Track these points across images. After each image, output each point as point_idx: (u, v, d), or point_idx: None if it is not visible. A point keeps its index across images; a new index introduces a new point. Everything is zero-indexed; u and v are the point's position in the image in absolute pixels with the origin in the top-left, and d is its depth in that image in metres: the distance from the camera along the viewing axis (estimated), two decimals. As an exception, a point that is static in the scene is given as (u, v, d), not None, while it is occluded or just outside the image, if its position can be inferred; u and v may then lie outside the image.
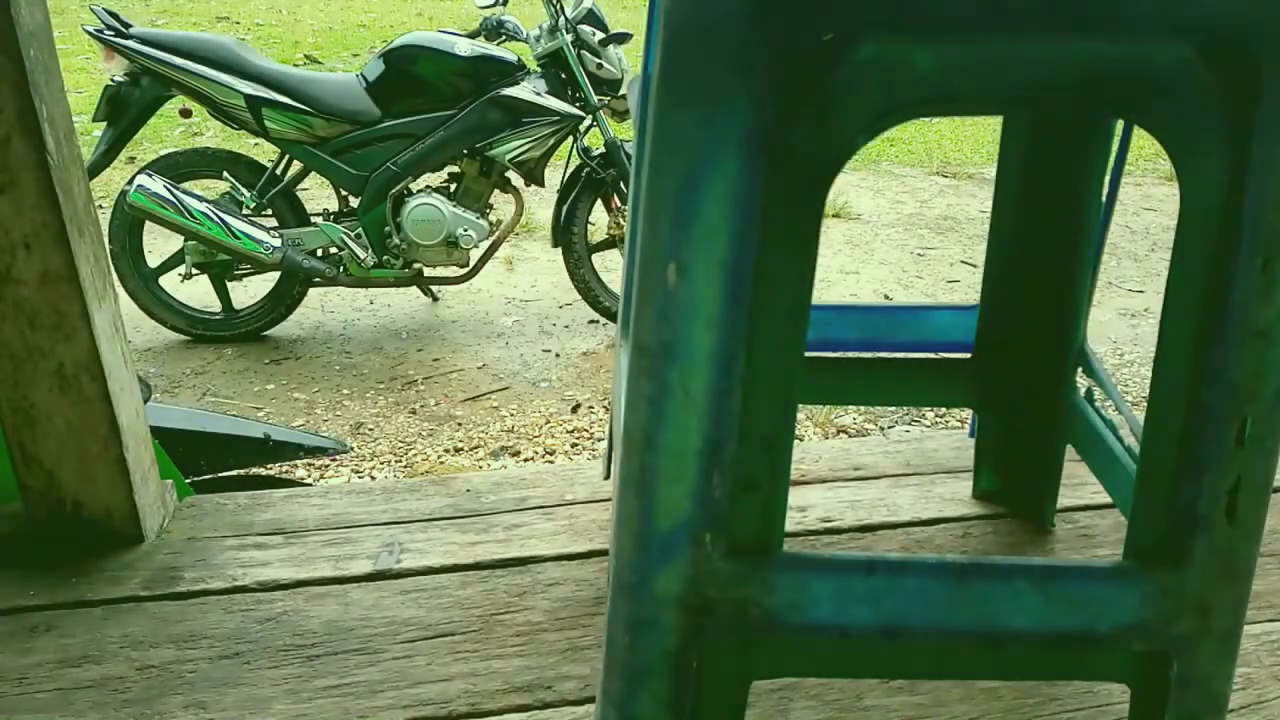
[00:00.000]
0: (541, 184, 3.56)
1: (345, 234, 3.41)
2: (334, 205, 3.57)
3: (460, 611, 1.19)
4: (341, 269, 3.44)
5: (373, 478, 2.74)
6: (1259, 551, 0.75)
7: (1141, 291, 4.09)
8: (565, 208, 3.55)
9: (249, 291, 3.60)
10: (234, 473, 1.81)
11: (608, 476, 1.44)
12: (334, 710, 1.04)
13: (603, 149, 3.53)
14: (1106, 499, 1.30)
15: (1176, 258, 0.70)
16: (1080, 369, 1.22)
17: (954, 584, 0.75)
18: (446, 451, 2.87)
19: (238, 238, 3.25)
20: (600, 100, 3.51)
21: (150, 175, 3.23)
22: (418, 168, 3.39)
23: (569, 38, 3.47)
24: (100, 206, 3.03)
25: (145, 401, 1.38)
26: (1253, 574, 0.75)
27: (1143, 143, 4.83)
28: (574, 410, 3.11)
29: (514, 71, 3.43)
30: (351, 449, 2.82)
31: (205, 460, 1.69)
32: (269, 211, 3.45)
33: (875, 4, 0.62)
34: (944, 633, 0.76)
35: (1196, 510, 0.71)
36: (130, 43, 3.22)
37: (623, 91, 3.57)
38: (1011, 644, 0.77)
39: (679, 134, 0.63)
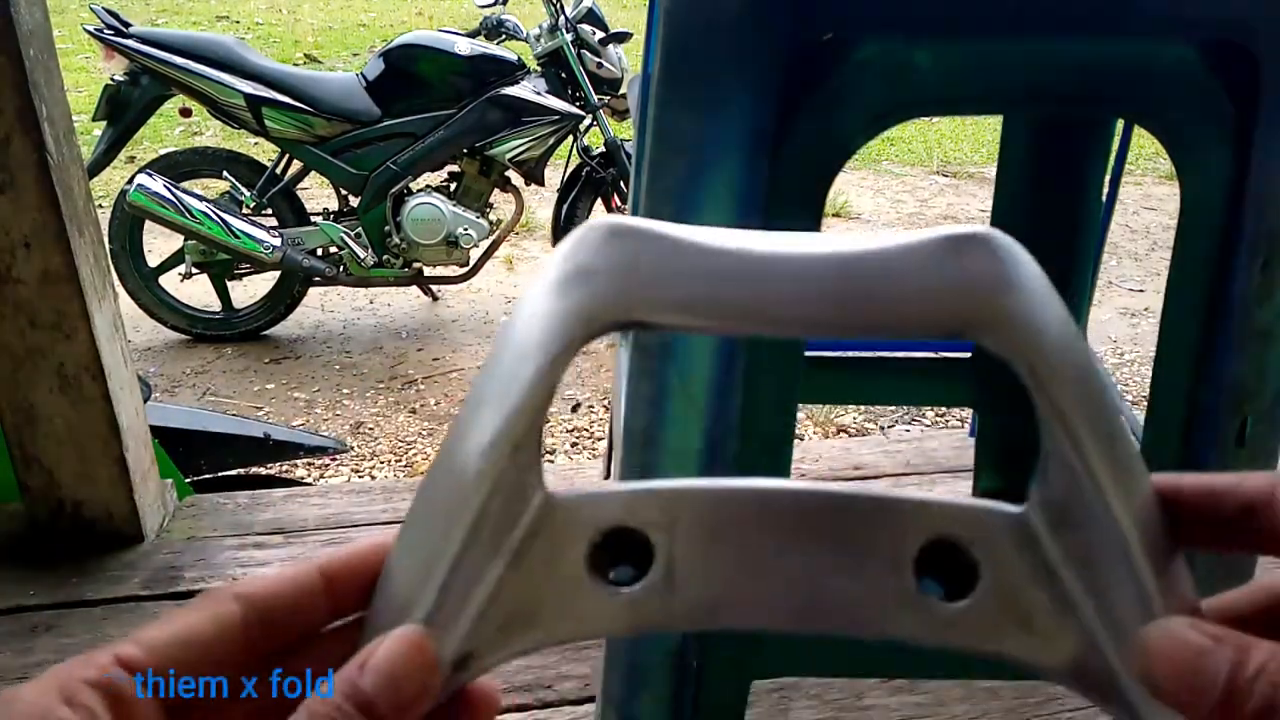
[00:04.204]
0: (541, 183, 3.56)
1: (345, 233, 3.41)
2: (334, 205, 3.57)
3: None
4: (341, 268, 3.44)
5: (373, 477, 2.74)
6: (1259, 551, 0.75)
7: (1141, 291, 4.09)
8: (565, 207, 3.55)
9: (249, 291, 3.60)
10: (234, 473, 1.81)
11: (608, 476, 1.44)
12: (334, 710, 1.04)
13: (603, 148, 3.53)
14: (1106, 499, 1.30)
15: (1176, 257, 0.70)
16: (1080, 369, 1.22)
17: (954, 584, 0.75)
18: (446, 451, 2.87)
19: (238, 237, 3.25)
20: (600, 99, 3.51)
21: (150, 175, 3.23)
22: (417, 167, 3.39)
23: (569, 37, 3.46)
24: (100, 206, 3.03)
25: (145, 401, 1.38)
26: (1253, 573, 0.75)
27: (1143, 142, 4.84)
28: (574, 410, 3.11)
29: (514, 71, 3.43)
30: (351, 449, 2.81)
31: (205, 460, 1.69)
32: (269, 211, 3.45)
33: (875, 4, 0.62)
34: (944, 632, 0.76)
35: (1196, 510, 0.71)
36: (130, 42, 3.22)
37: (623, 91, 3.57)
38: (1011, 644, 0.77)
39: (679, 133, 0.63)
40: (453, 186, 3.54)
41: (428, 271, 3.58)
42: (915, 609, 0.26)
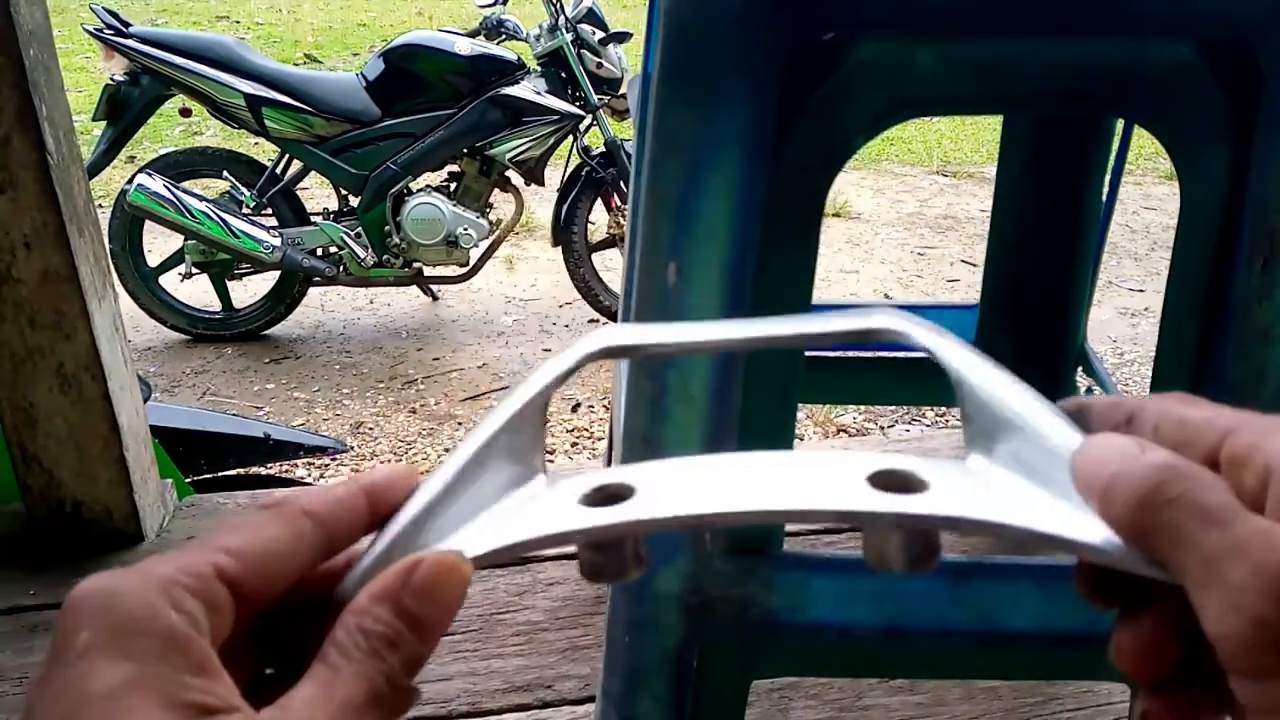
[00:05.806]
0: (541, 183, 3.56)
1: (345, 233, 3.41)
2: (334, 204, 3.57)
3: (460, 610, 1.18)
4: (341, 268, 3.44)
5: (373, 477, 2.73)
6: (1259, 551, 0.74)
7: (1141, 291, 4.09)
8: (565, 207, 3.55)
9: (249, 291, 3.60)
10: (234, 472, 1.81)
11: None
12: (334, 710, 1.04)
13: (603, 148, 3.53)
14: (1106, 498, 1.30)
15: (1176, 257, 0.70)
16: (1080, 369, 1.22)
17: (954, 584, 0.75)
18: (447, 451, 2.87)
19: (238, 237, 3.25)
20: (600, 99, 3.51)
21: (150, 174, 3.23)
22: (417, 167, 3.39)
23: (569, 37, 3.46)
24: (100, 206, 3.03)
25: (145, 401, 1.38)
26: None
27: (1143, 142, 4.83)
28: (574, 410, 3.11)
29: (514, 70, 3.43)
30: (351, 448, 2.81)
31: (205, 460, 1.70)
32: (269, 211, 3.45)
33: (876, 3, 0.62)
34: (944, 633, 0.76)
35: (1196, 510, 0.71)
36: (130, 42, 3.22)
37: (623, 91, 3.57)
38: (1011, 644, 0.77)
39: (679, 133, 0.63)
40: (453, 186, 3.54)
41: (428, 271, 3.58)
42: (871, 496, 0.29)
